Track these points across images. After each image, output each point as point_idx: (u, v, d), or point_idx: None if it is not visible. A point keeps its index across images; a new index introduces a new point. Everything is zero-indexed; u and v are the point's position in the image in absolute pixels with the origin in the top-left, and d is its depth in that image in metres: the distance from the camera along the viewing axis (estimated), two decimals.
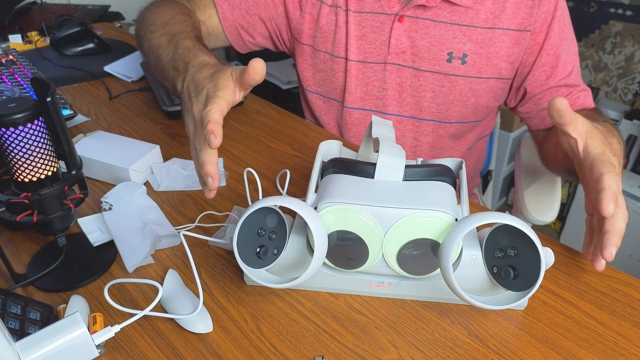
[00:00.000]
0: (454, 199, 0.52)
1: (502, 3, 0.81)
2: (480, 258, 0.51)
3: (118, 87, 1.07)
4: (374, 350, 0.50)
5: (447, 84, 0.85)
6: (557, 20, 0.81)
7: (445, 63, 0.84)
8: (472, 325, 0.52)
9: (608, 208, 0.50)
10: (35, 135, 0.50)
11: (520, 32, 0.82)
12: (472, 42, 0.82)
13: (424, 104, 0.88)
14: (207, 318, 0.52)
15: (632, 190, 1.85)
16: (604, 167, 0.53)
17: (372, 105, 0.92)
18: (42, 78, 0.50)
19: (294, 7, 0.91)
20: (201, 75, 0.62)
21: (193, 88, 0.61)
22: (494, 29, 0.81)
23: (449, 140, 0.94)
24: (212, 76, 0.60)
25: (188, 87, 0.62)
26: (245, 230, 0.51)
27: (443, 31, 0.82)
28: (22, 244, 0.64)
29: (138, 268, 0.60)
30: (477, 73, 0.84)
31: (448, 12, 0.82)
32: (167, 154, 0.81)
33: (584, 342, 0.50)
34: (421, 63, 0.85)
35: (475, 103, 0.87)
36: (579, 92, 0.86)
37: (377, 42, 0.86)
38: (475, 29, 0.82)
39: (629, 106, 2.07)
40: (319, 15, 0.89)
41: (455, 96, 0.86)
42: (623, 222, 0.53)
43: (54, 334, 0.43)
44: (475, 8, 0.81)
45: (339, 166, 0.55)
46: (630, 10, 1.94)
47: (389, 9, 0.84)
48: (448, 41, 0.83)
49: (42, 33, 1.32)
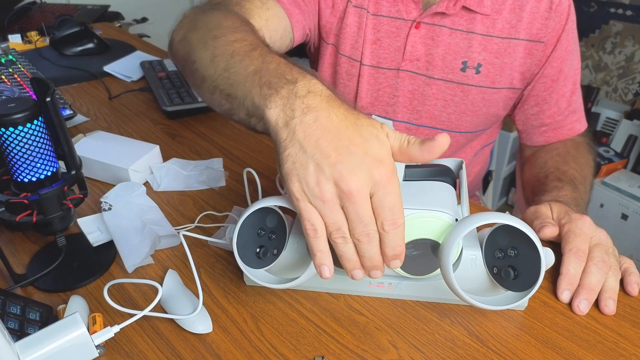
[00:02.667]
0: (454, 199, 0.52)
1: (519, 13, 0.80)
2: (481, 258, 0.51)
3: (118, 87, 1.07)
4: (374, 351, 0.49)
5: (460, 93, 0.84)
6: (566, 33, 0.81)
7: (459, 72, 0.83)
8: (472, 326, 0.52)
9: (562, 297, 0.54)
10: (34, 135, 0.50)
11: (534, 42, 0.81)
12: (488, 51, 0.81)
13: (434, 112, 0.87)
14: (207, 318, 0.52)
15: (632, 190, 1.85)
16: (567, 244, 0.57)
17: (381, 111, 0.90)
18: (41, 78, 0.50)
19: (326, 4, 0.86)
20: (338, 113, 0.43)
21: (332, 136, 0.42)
22: (510, 39, 0.80)
23: (456, 149, 0.93)
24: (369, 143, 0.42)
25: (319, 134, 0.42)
26: (245, 231, 0.51)
27: (459, 40, 0.81)
28: (22, 244, 0.64)
29: (138, 268, 0.60)
30: (490, 83, 0.83)
31: (465, 21, 0.80)
32: (166, 154, 0.81)
33: (584, 342, 0.50)
34: (434, 71, 0.83)
35: (486, 113, 0.87)
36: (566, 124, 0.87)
37: (392, 47, 0.84)
38: (492, 38, 0.80)
39: (629, 106, 2.07)
40: (345, 14, 0.85)
41: (467, 106, 0.85)
42: (597, 276, 0.54)
43: (53, 334, 0.43)
44: (492, 16, 0.80)
45: None
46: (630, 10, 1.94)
47: (407, 14, 0.82)
48: (464, 50, 0.81)
49: (42, 33, 1.32)
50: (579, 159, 0.82)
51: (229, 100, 0.53)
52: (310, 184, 0.42)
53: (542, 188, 0.76)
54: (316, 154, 0.42)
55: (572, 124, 0.88)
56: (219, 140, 0.87)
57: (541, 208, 0.63)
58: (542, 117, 0.87)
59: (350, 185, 0.41)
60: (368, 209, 0.42)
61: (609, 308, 0.53)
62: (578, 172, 0.78)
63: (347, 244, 0.44)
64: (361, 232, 0.43)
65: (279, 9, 0.76)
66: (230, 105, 0.54)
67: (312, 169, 0.42)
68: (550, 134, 0.88)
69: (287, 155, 0.43)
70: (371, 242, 0.44)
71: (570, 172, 0.77)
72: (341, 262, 0.45)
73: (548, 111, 0.86)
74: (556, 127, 0.87)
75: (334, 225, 0.43)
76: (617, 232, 1.86)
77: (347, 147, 0.42)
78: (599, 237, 0.57)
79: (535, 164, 0.86)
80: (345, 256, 0.45)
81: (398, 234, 0.43)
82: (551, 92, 0.85)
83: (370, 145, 0.42)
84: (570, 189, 0.72)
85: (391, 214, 0.42)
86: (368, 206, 0.42)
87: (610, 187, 1.89)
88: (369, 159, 0.41)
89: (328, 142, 0.42)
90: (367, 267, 0.45)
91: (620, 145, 2.06)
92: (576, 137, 0.88)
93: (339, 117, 0.43)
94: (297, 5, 0.80)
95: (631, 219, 1.84)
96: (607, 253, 0.56)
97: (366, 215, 0.42)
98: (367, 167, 0.41)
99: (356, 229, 0.43)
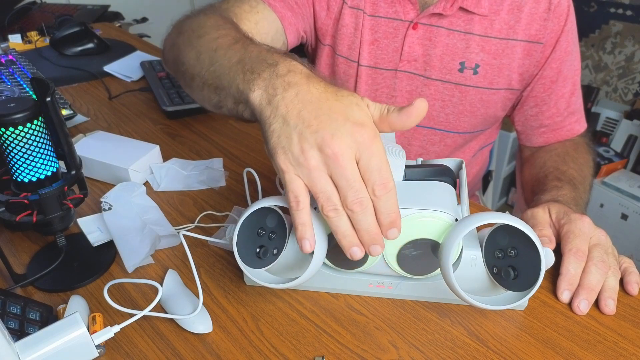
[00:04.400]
0: (454, 199, 0.52)
1: (517, 14, 0.80)
2: (481, 258, 0.51)
3: (118, 87, 1.07)
4: (374, 351, 0.49)
5: (458, 94, 0.84)
6: (565, 34, 0.81)
7: (456, 73, 0.83)
8: (472, 326, 0.52)
9: (562, 297, 0.55)
10: (34, 135, 0.50)
11: (533, 43, 0.81)
12: (485, 52, 0.81)
13: (432, 113, 0.87)
14: (207, 318, 0.52)
15: (632, 190, 1.85)
16: (567, 244, 0.57)
17: None
18: (41, 78, 0.50)
19: (320, 6, 0.87)
20: (318, 87, 0.45)
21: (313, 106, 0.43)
22: (508, 40, 0.80)
23: (454, 149, 0.93)
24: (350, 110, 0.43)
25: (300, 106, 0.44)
26: (245, 231, 0.51)
27: (457, 40, 0.81)
28: (22, 244, 0.64)
29: (138, 268, 0.60)
30: (488, 84, 0.83)
31: (463, 21, 0.80)
32: (166, 154, 0.81)
33: (584, 342, 0.50)
34: (432, 72, 0.84)
35: (484, 113, 0.87)
36: (565, 125, 0.87)
37: (390, 48, 0.85)
38: (489, 39, 0.80)
39: (629, 106, 2.07)
40: (341, 15, 0.86)
41: (465, 106, 0.85)
42: (596, 276, 0.55)
43: (53, 334, 0.43)
44: (490, 17, 0.80)
45: None
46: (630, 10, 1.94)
47: (404, 15, 0.82)
48: (461, 51, 0.81)
49: (42, 33, 1.32)
50: (578, 159, 0.82)
51: (217, 92, 0.55)
52: (295, 153, 0.43)
53: (541, 187, 0.76)
54: (299, 125, 0.43)
55: (572, 125, 0.88)
56: (219, 140, 0.87)
57: (538, 212, 0.63)
58: (541, 118, 0.87)
59: (334, 149, 0.41)
60: (356, 172, 0.42)
61: (609, 308, 0.53)
62: (577, 172, 0.78)
63: (340, 216, 0.43)
64: (353, 200, 0.42)
65: (269, 12, 0.77)
66: (218, 97, 0.55)
67: (295, 139, 0.43)
68: (550, 135, 0.88)
69: (272, 131, 0.44)
70: (365, 211, 0.43)
71: (569, 172, 0.77)
72: (338, 241, 0.45)
73: (547, 112, 0.86)
74: (555, 128, 0.88)
75: (323, 195, 0.43)
76: (617, 232, 1.86)
77: (328, 114, 0.43)
78: (598, 237, 0.57)
79: (535, 164, 0.87)
80: (340, 231, 0.44)
81: (390, 198, 0.43)
82: (550, 94, 0.85)
83: (350, 111, 0.43)
84: (570, 189, 0.72)
85: (380, 176, 0.42)
86: (355, 169, 0.42)
87: (610, 187, 1.89)
88: (350, 124, 0.42)
89: (309, 112, 0.43)
90: (365, 241, 0.44)
91: (620, 145, 2.06)
92: (575, 138, 0.89)
93: (319, 90, 0.44)
94: (289, 8, 0.80)
95: (631, 219, 1.84)
96: (607, 253, 0.56)
97: (355, 178, 0.42)
98: (349, 130, 0.42)
99: (348, 196, 0.42)
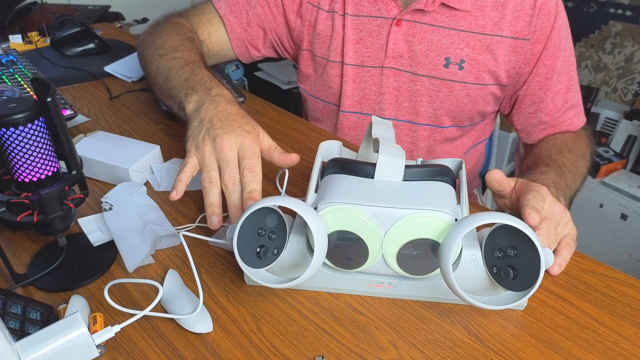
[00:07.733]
0: (453, 199, 0.52)
1: (502, 10, 0.80)
2: (480, 258, 0.51)
3: (118, 87, 1.07)
4: (374, 350, 0.50)
5: (444, 89, 0.85)
6: (555, 31, 0.81)
7: (442, 68, 0.83)
8: (472, 325, 0.52)
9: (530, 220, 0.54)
10: (35, 136, 0.50)
11: (519, 40, 0.81)
12: (470, 48, 0.82)
13: (420, 108, 0.88)
14: (207, 318, 0.52)
15: (632, 190, 1.85)
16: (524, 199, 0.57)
17: (369, 109, 0.91)
18: (42, 78, 0.50)
19: (294, 16, 0.91)
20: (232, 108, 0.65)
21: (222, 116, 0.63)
22: (493, 36, 0.81)
23: (445, 145, 0.93)
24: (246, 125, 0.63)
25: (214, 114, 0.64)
26: (245, 230, 0.51)
27: (441, 36, 0.82)
28: (23, 244, 0.64)
29: (138, 268, 0.60)
30: (474, 79, 0.84)
31: (446, 17, 0.81)
32: (167, 154, 0.81)
33: (584, 342, 0.50)
34: (418, 67, 0.85)
35: (471, 109, 0.87)
36: (564, 120, 0.87)
37: (375, 46, 0.86)
38: (474, 35, 0.81)
39: (629, 106, 2.07)
40: (317, 21, 0.89)
41: (452, 101, 0.86)
42: None
43: (54, 334, 0.43)
44: (474, 13, 0.80)
45: (339, 166, 0.55)
46: (630, 10, 1.94)
47: (387, 12, 0.84)
48: (445, 46, 0.82)
49: (43, 33, 1.32)
50: (575, 150, 0.82)
51: (169, 99, 0.76)
52: (198, 142, 0.63)
53: (527, 173, 0.75)
54: (208, 125, 0.63)
55: (571, 120, 0.88)
56: None
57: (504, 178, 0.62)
58: (540, 116, 0.87)
59: (223, 141, 0.61)
60: (234, 159, 0.60)
61: None
62: (570, 161, 0.77)
63: (213, 187, 0.60)
64: (229, 176, 0.59)
65: (221, 26, 0.93)
66: (169, 103, 0.77)
67: (202, 132, 0.63)
68: (550, 131, 0.88)
69: (191, 126, 0.65)
70: (235, 188, 0.59)
71: (561, 160, 0.77)
72: (205, 208, 0.59)
73: (545, 109, 0.86)
74: (555, 124, 0.88)
75: (206, 170, 0.61)
76: (616, 232, 1.86)
77: (229, 122, 0.63)
78: (553, 209, 0.58)
79: (532, 153, 0.87)
80: (209, 200, 0.59)
81: (255, 178, 0.59)
82: (546, 91, 0.85)
83: (245, 125, 0.64)
84: (555, 174, 0.71)
85: (249, 163, 0.60)
86: (234, 157, 0.61)
87: (610, 187, 1.89)
88: (240, 130, 0.62)
89: (218, 119, 0.64)
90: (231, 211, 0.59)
91: (620, 146, 2.06)
92: (578, 130, 0.88)
93: (232, 110, 0.66)
94: (240, 25, 0.92)
95: (631, 219, 1.84)
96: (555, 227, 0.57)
97: (232, 162, 0.60)
98: (238, 133, 0.62)
99: (225, 174, 0.60)
